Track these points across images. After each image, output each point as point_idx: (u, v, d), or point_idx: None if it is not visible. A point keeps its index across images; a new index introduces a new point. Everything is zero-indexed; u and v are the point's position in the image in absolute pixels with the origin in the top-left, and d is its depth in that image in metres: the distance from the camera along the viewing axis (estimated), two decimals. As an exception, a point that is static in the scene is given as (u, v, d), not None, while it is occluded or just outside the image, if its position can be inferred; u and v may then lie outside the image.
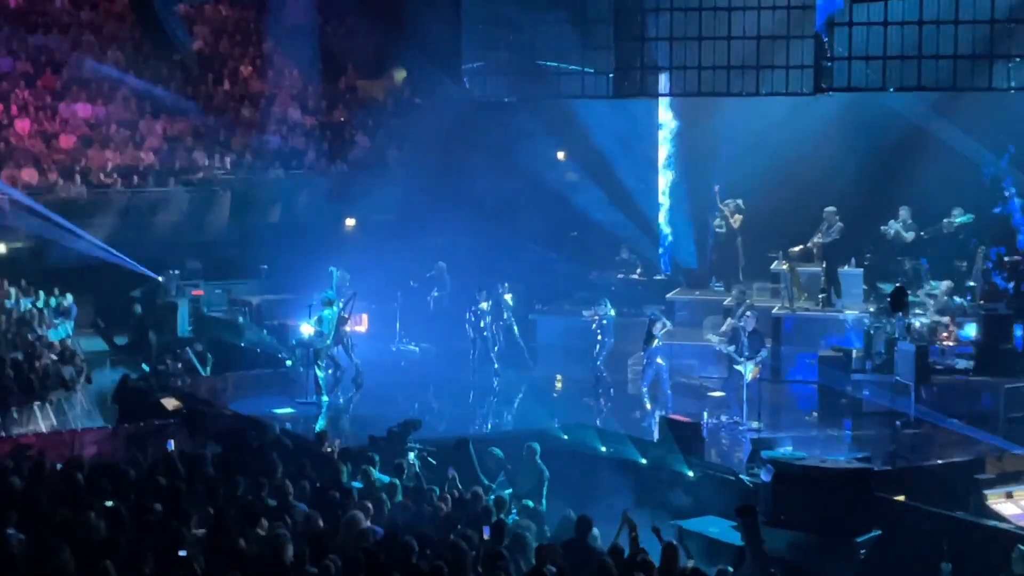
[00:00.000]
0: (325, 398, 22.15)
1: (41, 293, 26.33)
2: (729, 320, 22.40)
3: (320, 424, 20.60)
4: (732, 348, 21.01)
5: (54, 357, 23.33)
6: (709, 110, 27.87)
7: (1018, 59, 24.02)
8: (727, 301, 24.45)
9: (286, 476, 14.61)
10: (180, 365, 24.55)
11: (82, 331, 26.69)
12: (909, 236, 25.19)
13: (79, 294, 26.93)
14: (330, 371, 22.55)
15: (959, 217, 24.97)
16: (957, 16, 23.97)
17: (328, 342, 22.27)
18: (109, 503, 13.01)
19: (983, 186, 25.23)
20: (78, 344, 25.25)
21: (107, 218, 28.82)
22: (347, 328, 22.82)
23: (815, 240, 24.72)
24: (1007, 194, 24.81)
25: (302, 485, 14.24)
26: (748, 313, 21.61)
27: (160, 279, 27.71)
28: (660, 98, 27.92)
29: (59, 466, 15.13)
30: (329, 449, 17.13)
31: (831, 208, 24.63)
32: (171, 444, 16.19)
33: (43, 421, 21.81)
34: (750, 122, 26.78)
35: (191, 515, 12.74)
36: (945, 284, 23.83)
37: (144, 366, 24.53)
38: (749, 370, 20.75)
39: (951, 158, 25.16)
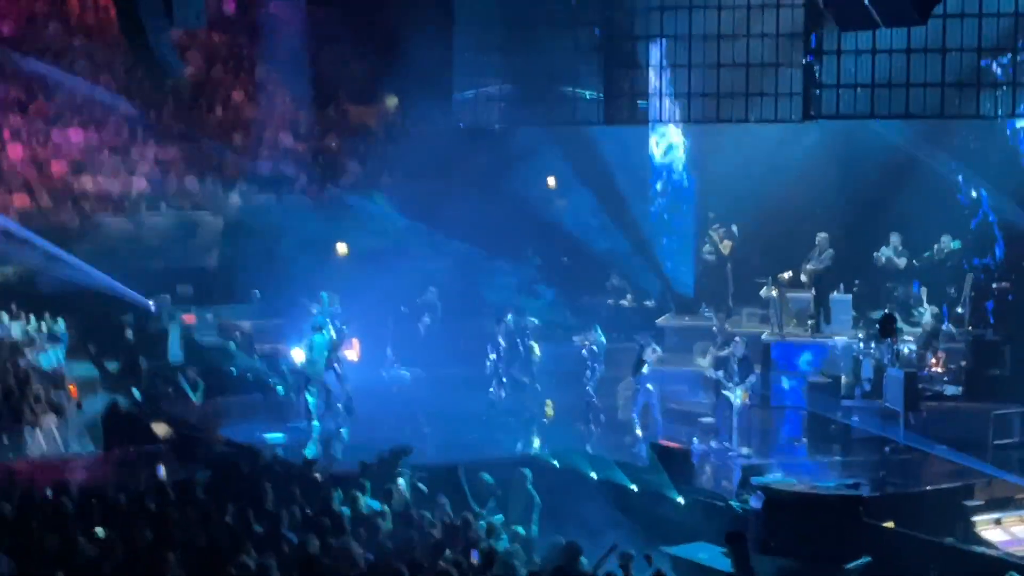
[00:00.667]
0: (316, 424, 22.16)
1: (32, 318, 26.30)
2: (711, 350, 22.44)
3: (310, 450, 20.59)
4: (720, 373, 21.06)
5: (45, 383, 23.32)
6: (700, 136, 28.02)
7: (1005, 87, 24.15)
8: (714, 328, 24.58)
9: (276, 502, 14.64)
10: (171, 391, 24.54)
11: (73, 356, 26.65)
12: (901, 262, 25.29)
13: (70, 319, 26.91)
14: (321, 397, 22.53)
15: (949, 244, 25.07)
16: (944, 44, 24.12)
17: (319, 368, 22.28)
18: (99, 531, 13.02)
19: (966, 209, 25.35)
20: (69, 369, 25.23)
21: (98, 244, 28.82)
22: (350, 353, 22.90)
23: (807, 267, 24.79)
24: (974, 195, 24.94)
25: (292, 511, 14.25)
26: (737, 339, 21.67)
27: (151, 305, 27.70)
28: (651, 124, 28.03)
29: (49, 492, 15.14)
30: (318, 475, 17.14)
31: (823, 234, 24.73)
32: (161, 470, 16.18)
33: (33, 447, 21.78)
34: (740, 149, 26.92)
35: (181, 542, 12.75)
36: (931, 310, 23.93)
37: (135, 392, 24.50)
38: (738, 396, 20.81)
39: (940, 185, 25.28)
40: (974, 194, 25.04)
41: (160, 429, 21.32)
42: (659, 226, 29.17)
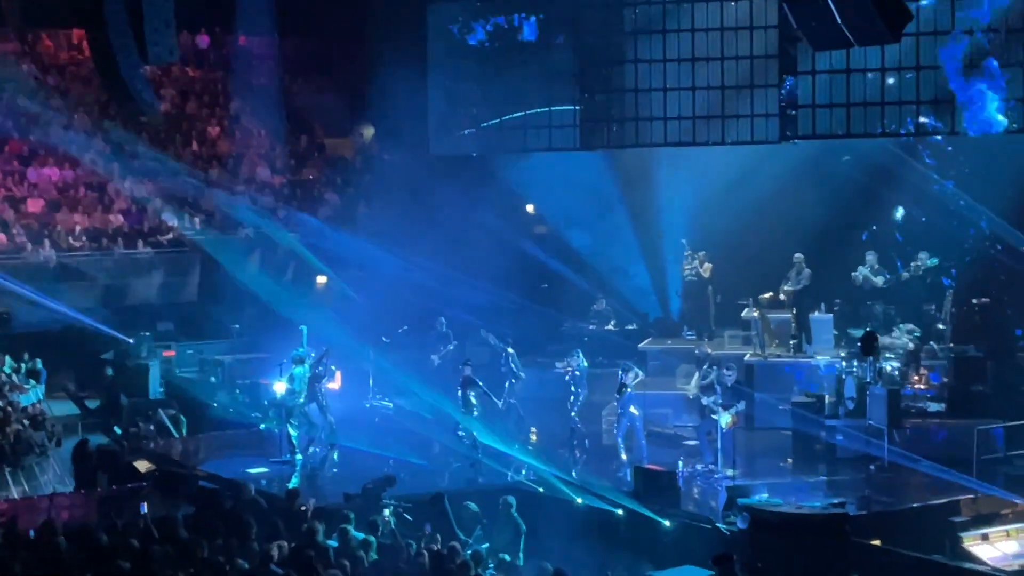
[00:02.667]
0: (299, 456, 22.06)
1: (7, 359, 26.12)
2: (696, 374, 22.36)
3: (294, 482, 20.47)
4: (712, 400, 20.97)
5: (25, 422, 23.17)
6: (676, 160, 28.09)
7: (978, 104, 24.27)
8: (697, 351, 24.55)
9: (260, 537, 14.53)
10: (152, 427, 24.42)
11: (53, 395, 26.52)
12: (878, 281, 25.33)
13: (50, 358, 26.77)
14: (303, 429, 22.43)
15: (926, 260, 25.11)
16: (918, 62, 24.26)
17: (300, 400, 22.20)
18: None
19: (951, 229, 25.40)
20: (49, 408, 25.09)
21: (77, 281, 28.73)
22: (332, 384, 22.81)
23: (785, 287, 24.83)
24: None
25: (276, 545, 14.14)
26: (730, 367, 21.57)
27: (131, 341, 27.62)
28: (628, 149, 28.11)
29: (32, 532, 15.01)
30: (303, 508, 17.03)
31: (799, 255, 24.80)
32: (144, 507, 16.07)
33: (15, 487, 21.62)
34: (718, 170, 27.01)
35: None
36: (908, 327, 23.95)
37: (116, 429, 24.37)
38: (725, 420, 20.70)
39: (919, 201, 25.39)
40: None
41: (142, 466, 21.19)
42: (641, 249, 29.24)
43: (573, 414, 23.10)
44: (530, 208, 31.51)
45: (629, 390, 21.71)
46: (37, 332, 26.87)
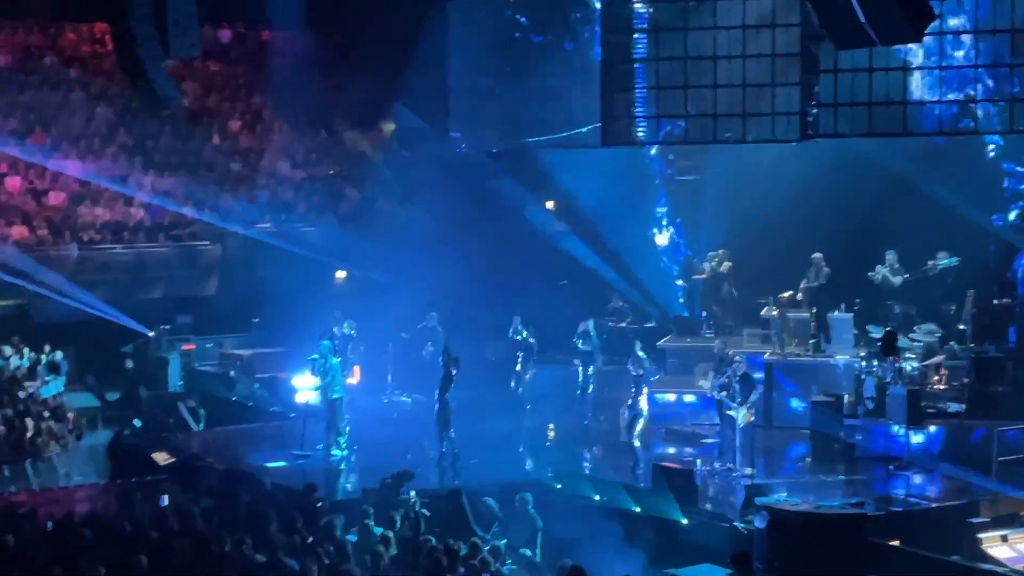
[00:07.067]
0: (319, 450, 22.02)
1: (26, 350, 26.22)
2: (711, 372, 22.33)
3: (313, 476, 20.46)
4: (724, 394, 20.96)
5: (45, 414, 23.27)
6: (698, 158, 28.06)
7: (1001, 103, 24.17)
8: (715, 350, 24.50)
9: (279, 530, 14.57)
10: (171, 420, 24.50)
11: (73, 387, 26.63)
12: (897, 280, 25.23)
13: (70, 350, 26.89)
14: (324, 424, 22.39)
15: (943, 260, 24.99)
16: (941, 62, 24.17)
17: (325, 393, 22.17)
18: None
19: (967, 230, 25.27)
20: (69, 400, 25.19)
21: (97, 274, 28.84)
22: (351, 379, 22.88)
23: (803, 286, 24.79)
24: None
25: (293, 539, 14.18)
26: (737, 358, 21.53)
27: (151, 334, 27.71)
28: (648, 146, 28.07)
29: (51, 524, 15.08)
30: (320, 504, 17.07)
31: (818, 254, 24.76)
32: (165, 499, 16.13)
33: (35, 478, 21.71)
34: (738, 169, 26.95)
35: (183, 571, 12.69)
36: (929, 327, 23.87)
37: (136, 421, 24.46)
38: (742, 416, 20.69)
39: (937, 202, 25.28)
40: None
41: (161, 458, 21.27)
42: (655, 247, 29.22)
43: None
44: (550, 204, 31.50)
45: (642, 371, 21.62)
46: (58, 324, 26.96)
